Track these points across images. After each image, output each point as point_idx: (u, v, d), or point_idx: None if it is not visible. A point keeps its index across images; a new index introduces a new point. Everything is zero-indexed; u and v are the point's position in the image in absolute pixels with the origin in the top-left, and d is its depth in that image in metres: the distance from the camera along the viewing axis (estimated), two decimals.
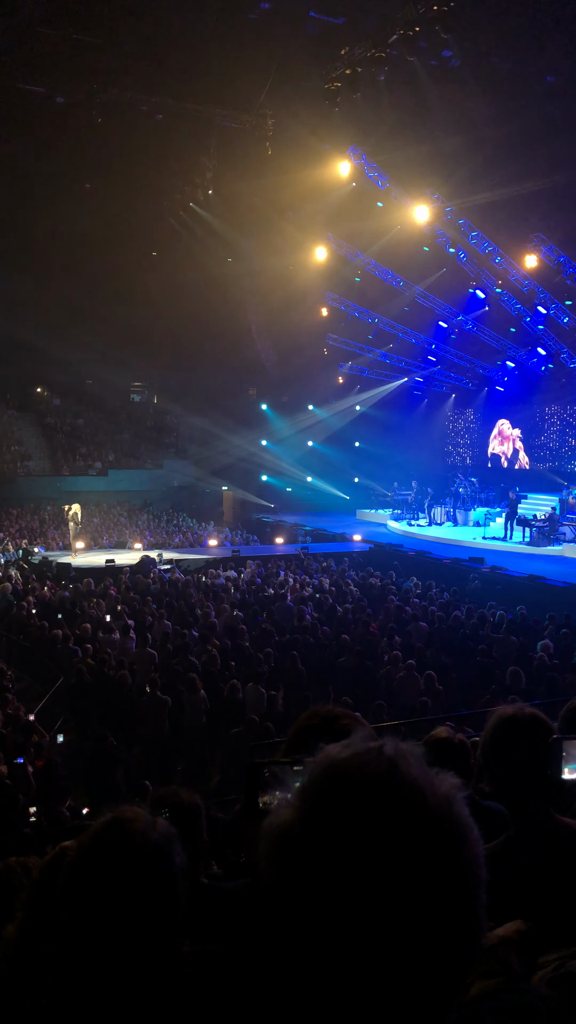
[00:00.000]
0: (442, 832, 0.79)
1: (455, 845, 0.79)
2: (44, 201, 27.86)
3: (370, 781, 0.80)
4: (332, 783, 0.81)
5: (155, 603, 16.60)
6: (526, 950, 1.46)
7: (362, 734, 0.92)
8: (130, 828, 1.31)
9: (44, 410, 38.37)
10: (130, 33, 19.34)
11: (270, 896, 0.82)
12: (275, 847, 0.82)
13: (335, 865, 0.77)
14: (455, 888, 0.78)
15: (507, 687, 10.43)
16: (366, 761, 0.82)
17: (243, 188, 27.33)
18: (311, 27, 19.07)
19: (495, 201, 23.51)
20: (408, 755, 0.83)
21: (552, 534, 22.80)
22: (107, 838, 1.31)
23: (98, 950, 1.22)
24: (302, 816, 0.81)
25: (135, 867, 1.27)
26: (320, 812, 0.80)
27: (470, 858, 0.80)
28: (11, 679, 13.21)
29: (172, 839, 1.33)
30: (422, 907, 0.76)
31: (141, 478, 36.61)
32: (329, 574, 19.82)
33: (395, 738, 0.86)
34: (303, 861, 0.80)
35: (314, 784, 0.83)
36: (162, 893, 1.27)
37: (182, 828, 1.45)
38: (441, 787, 0.82)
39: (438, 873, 0.77)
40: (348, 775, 0.81)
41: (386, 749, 0.83)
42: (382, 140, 22.71)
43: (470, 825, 0.81)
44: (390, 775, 0.80)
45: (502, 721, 2.20)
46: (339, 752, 0.84)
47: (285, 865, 0.81)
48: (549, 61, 18.81)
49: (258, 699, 10.87)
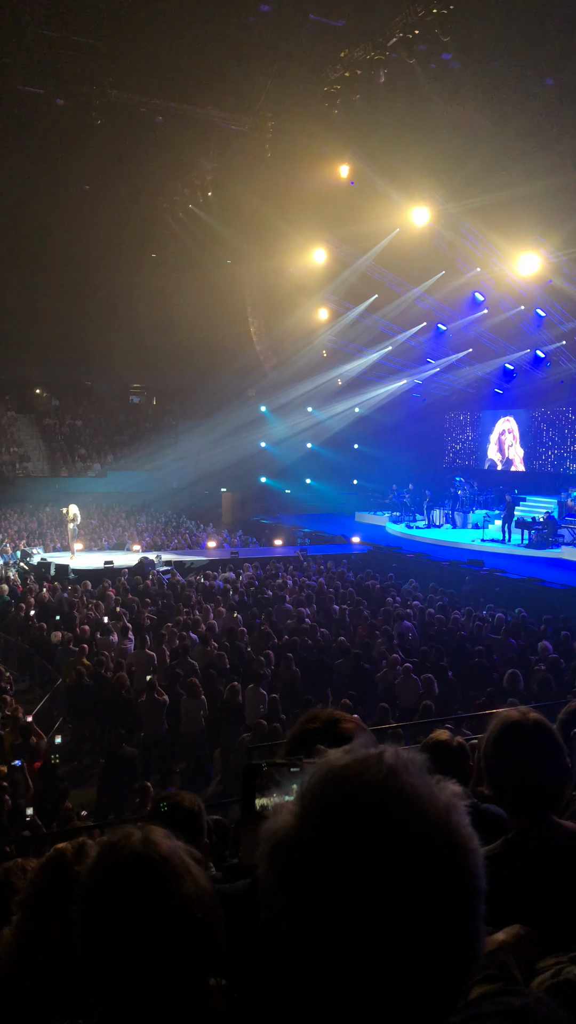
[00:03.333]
0: (440, 842, 0.78)
1: (453, 856, 0.78)
2: (44, 203, 27.87)
3: (368, 789, 0.79)
4: (330, 789, 0.81)
5: (153, 604, 16.60)
6: (525, 954, 1.46)
7: (363, 739, 0.91)
8: (133, 853, 1.27)
9: (43, 411, 38.35)
10: (130, 35, 19.34)
11: (265, 901, 0.82)
12: (272, 852, 0.82)
13: (331, 873, 0.77)
14: (452, 899, 0.77)
15: (504, 689, 10.43)
16: (365, 768, 0.81)
17: (243, 190, 27.36)
18: (311, 30, 19.09)
19: (494, 203, 23.54)
20: (409, 763, 0.82)
21: (550, 536, 22.81)
22: (113, 862, 1.27)
23: (120, 975, 1.19)
24: (299, 822, 0.81)
25: (148, 894, 1.23)
26: (317, 819, 0.80)
27: (468, 869, 0.79)
28: (9, 680, 13.20)
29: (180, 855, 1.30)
30: (418, 918, 0.75)
31: (140, 479, 36.59)
32: (328, 576, 19.82)
33: (396, 745, 0.85)
34: (299, 867, 0.79)
35: (312, 790, 0.82)
36: (175, 913, 1.23)
37: (183, 831, 1.44)
38: (441, 797, 0.80)
39: (435, 884, 0.76)
40: (346, 782, 0.80)
41: (386, 756, 0.82)
42: (381, 142, 22.73)
43: (470, 835, 0.80)
44: (389, 783, 0.79)
45: (505, 725, 2.19)
46: (339, 758, 0.83)
47: (281, 870, 0.80)
48: (548, 64, 18.84)
49: (258, 701, 10.87)
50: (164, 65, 20.56)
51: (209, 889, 1.31)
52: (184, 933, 1.22)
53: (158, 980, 1.18)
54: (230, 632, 13.98)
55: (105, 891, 1.24)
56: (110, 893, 1.23)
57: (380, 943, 0.75)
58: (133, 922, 1.20)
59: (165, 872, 1.25)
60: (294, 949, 0.78)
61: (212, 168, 26.61)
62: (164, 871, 1.25)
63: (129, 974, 1.18)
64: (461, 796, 0.83)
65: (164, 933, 1.21)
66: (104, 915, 1.22)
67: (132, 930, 1.20)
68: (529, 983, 1.35)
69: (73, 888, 1.30)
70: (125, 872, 1.25)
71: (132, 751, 9.86)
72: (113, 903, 1.22)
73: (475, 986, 1.16)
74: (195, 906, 1.25)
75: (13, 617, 16.72)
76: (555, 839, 2.06)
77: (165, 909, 1.22)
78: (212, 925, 1.28)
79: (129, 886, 1.23)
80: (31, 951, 1.74)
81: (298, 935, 0.78)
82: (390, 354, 32.69)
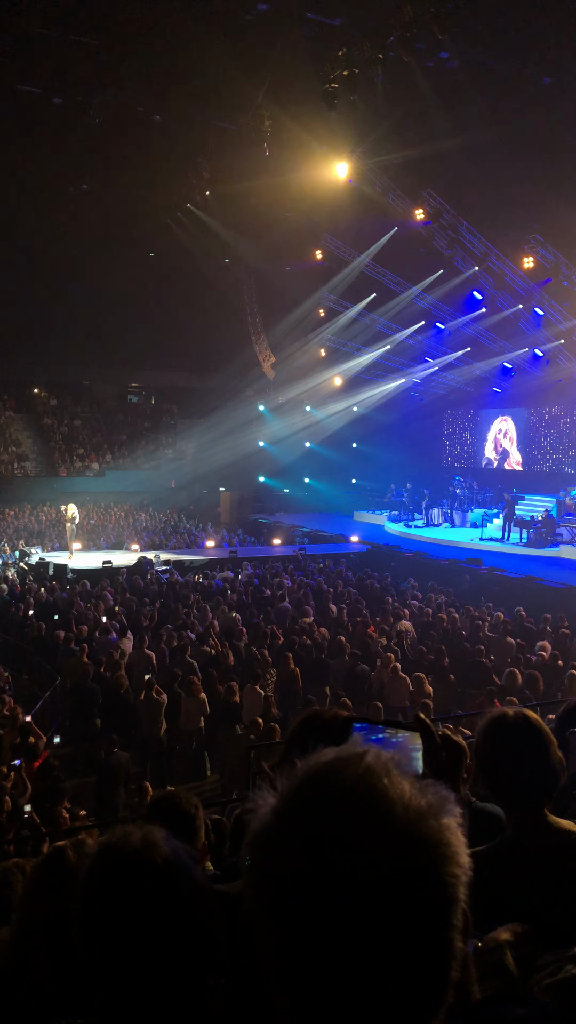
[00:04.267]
0: (405, 848, 0.74)
1: (420, 864, 0.75)
2: (41, 202, 27.84)
3: (340, 789, 0.77)
4: (305, 787, 0.79)
5: (152, 604, 16.59)
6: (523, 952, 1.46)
7: (355, 739, 0.90)
8: (133, 851, 1.26)
9: (42, 411, 38.30)
10: (128, 35, 19.31)
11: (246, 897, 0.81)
12: (251, 848, 0.81)
13: (295, 871, 0.75)
14: (416, 908, 0.74)
15: (503, 688, 10.44)
16: (342, 768, 0.79)
17: (241, 189, 27.35)
18: (308, 28, 19.06)
19: (492, 202, 23.57)
20: (389, 764, 0.79)
21: (549, 535, 22.83)
22: (113, 863, 1.26)
23: (120, 976, 1.18)
24: (275, 817, 0.80)
25: (149, 892, 1.23)
26: (290, 816, 0.78)
27: (438, 878, 0.75)
28: (8, 680, 13.19)
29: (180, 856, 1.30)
30: (377, 927, 0.72)
31: (138, 479, 36.56)
32: (327, 575, 19.82)
33: (380, 747, 0.82)
34: (270, 863, 0.78)
35: (290, 786, 0.81)
36: (178, 913, 1.23)
37: (180, 830, 1.44)
38: (418, 801, 0.77)
39: (397, 892, 0.73)
40: (321, 781, 0.78)
41: (367, 757, 0.80)
42: (379, 141, 22.73)
43: (444, 843, 0.76)
44: (361, 785, 0.77)
45: (493, 723, 2.20)
46: (322, 756, 0.82)
47: (255, 864, 0.80)
48: (546, 63, 18.84)
49: (256, 700, 10.87)
50: (162, 64, 20.54)
51: (208, 889, 1.31)
52: (183, 933, 1.22)
53: (157, 980, 1.18)
54: (229, 631, 13.98)
55: (105, 891, 1.23)
56: (110, 893, 1.23)
57: (341, 949, 0.72)
58: (132, 922, 1.20)
59: (165, 872, 1.25)
60: (265, 947, 0.77)
61: (210, 167, 26.59)
62: (164, 871, 1.25)
63: (128, 974, 1.18)
64: (448, 800, 0.79)
65: (163, 933, 1.21)
66: (103, 915, 1.22)
67: (131, 930, 1.20)
68: (528, 981, 1.35)
69: (72, 887, 1.30)
70: (125, 872, 1.24)
71: (124, 756, 9.79)
72: (113, 903, 1.22)
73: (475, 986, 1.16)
74: (194, 906, 1.25)
75: (12, 617, 16.71)
76: (551, 837, 2.06)
77: (165, 909, 1.22)
78: (211, 925, 1.28)
79: (129, 886, 1.23)
80: (30, 950, 1.74)
81: (266, 933, 0.77)
82: (388, 353, 32.70)
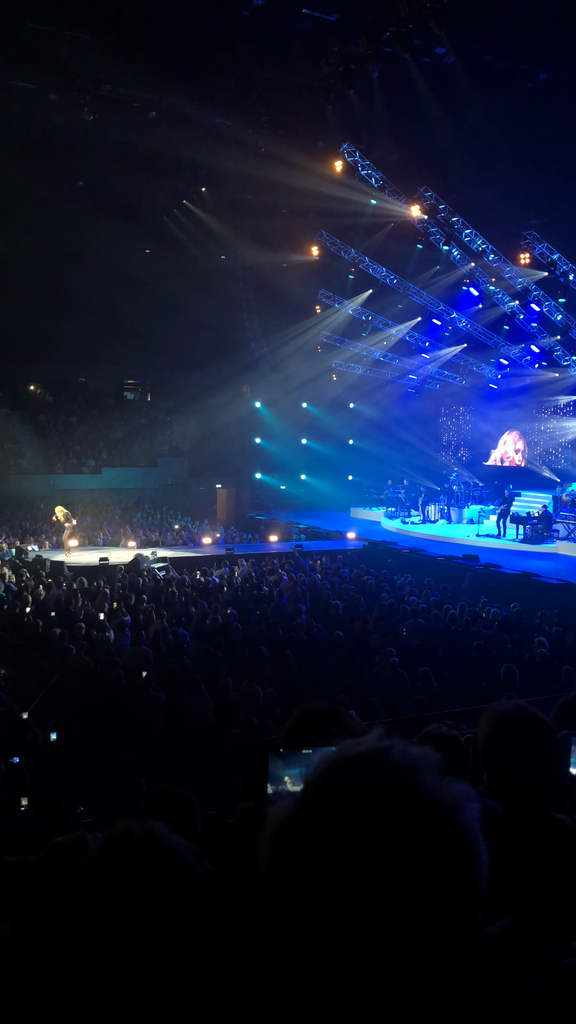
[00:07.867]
0: (439, 844, 0.75)
1: (452, 859, 0.75)
2: (36, 199, 27.75)
3: (371, 781, 0.77)
4: (335, 778, 0.79)
5: (148, 601, 16.58)
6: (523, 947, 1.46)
7: (378, 733, 0.89)
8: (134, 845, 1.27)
9: (37, 408, 38.23)
10: (122, 30, 19.25)
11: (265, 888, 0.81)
12: (271, 835, 0.81)
13: (322, 861, 0.75)
14: (444, 903, 0.74)
15: (501, 684, 10.45)
16: (372, 760, 0.79)
17: (236, 185, 27.30)
18: (304, 24, 19.00)
19: (488, 198, 23.55)
20: (419, 759, 0.79)
21: (546, 532, 22.86)
22: (117, 856, 1.26)
23: (119, 963, 1.18)
24: (300, 807, 0.80)
25: (152, 884, 1.23)
26: (317, 806, 0.78)
27: (467, 875, 0.76)
28: (4, 678, 13.17)
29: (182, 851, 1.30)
30: (405, 918, 0.72)
31: (135, 476, 36.54)
32: (323, 572, 19.82)
33: (406, 742, 0.83)
34: (294, 852, 0.78)
35: (316, 779, 0.80)
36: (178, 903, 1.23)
37: (177, 827, 1.44)
38: (448, 797, 0.78)
39: (426, 885, 0.73)
40: (351, 772, 0.78)
41: (393, 752, 0.80)
42: (375, 137, 22.71)
43: (473, 840, 0.77)
44: (394, 777, 0.77)
45: (498, 718, 2.19)
46: (349, 747, 0.82)
47: (278, 854, 0.79)
48: (542, 59, 18.83)
49: (253, 697, 10.86)
50: (157, 60, 20.48)
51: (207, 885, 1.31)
52: (184, 928, 1.22)
53: (157, 976, 1.18)
54: (225, 628, 13.97)
55: (107, 886, 1.24)
56: (115, 886, 1.23)
57: (367, 938, 0.72)
58: (134, 916, 1.20)
59: (167, 867, 1.25)
60: (286, 936, 0.77)
61: (206, 163, 26.53)
62: (166, 866, 1.25)
63: (128, 968, 1.18)
64: (471, 798, 0.80)
65: (165, 927, 1.21)
66: (108, 908, 1.22)
67: (133, 924, 1.20)
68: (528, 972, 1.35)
69: (71, 883, 1.30)
70: (130, 865, 1.25)
71: (121, 753, 9.80)
72: (117, 896, 1.22)
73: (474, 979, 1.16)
74: (195, 902, 1.25)
75: (8, 614, 16.68)
76: (551, 833, 2.06)
77: (166, 904, 1.22)
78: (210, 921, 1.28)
79: (134, 879, 1.23)
80: (29, 947, 1.74)
81: (287, 922, 0.77)
82: (384, 349, 32.70)
